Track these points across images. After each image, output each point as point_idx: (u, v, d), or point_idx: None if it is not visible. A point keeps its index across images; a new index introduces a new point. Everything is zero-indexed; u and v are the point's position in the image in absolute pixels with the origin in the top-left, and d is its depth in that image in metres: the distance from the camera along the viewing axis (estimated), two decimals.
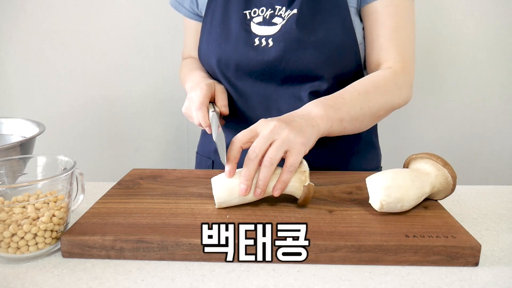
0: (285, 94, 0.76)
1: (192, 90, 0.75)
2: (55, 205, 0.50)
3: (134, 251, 0.48)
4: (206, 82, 0.75)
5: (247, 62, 0.76)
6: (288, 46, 0.73)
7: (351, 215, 0.55)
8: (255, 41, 0.76)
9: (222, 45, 0.78)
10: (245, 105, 0.80)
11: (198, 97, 0.71)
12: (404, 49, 0.74)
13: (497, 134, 1.35)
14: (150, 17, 1.26)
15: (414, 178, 0.56)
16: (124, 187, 0.64)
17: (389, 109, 0.73)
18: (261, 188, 0.56)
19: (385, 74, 0.72)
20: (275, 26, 0.75)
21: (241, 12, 0.78)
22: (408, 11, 0.75)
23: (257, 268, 0.47)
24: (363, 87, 0.70)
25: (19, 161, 0.56)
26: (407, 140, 1.37)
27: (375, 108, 0.69)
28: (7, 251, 0.48)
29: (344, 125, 0.66)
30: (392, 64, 0.74)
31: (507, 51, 1.28)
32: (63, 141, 1.34)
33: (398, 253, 0.48)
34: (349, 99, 0.67)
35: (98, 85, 1.31)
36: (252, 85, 0.78)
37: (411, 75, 0.75)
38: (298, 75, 0.75)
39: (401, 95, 0.73)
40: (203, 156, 0.92)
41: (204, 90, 0.72)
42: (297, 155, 0.57)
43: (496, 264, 0.49)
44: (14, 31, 1.26)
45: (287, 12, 0.75)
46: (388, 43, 0.74)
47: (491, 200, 0.68)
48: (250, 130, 0.59)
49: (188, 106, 0.74)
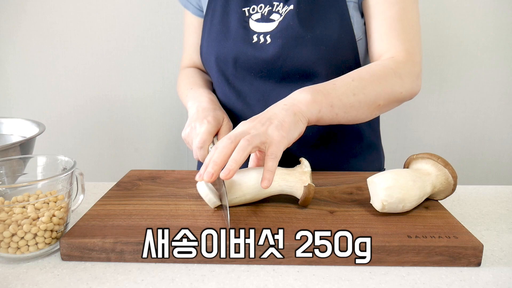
0: (283, 92, 0.75)
1: (196, 119, 0.70)
2: (55, 205, 0.50)
3: (135, 253, 0.48)
4: (213, 114, 0.70)
5: (245, 59, 0.76)
6: (286, 42, 0.73)
7: (353, 216, 0.55)
8: (253, 38, 0.75)
9: (221, 43, 0.77)
10: (243, 103, 0.79)
11: (202, 134, 0.66)
12: (408, 39, 0.71)
13: (497, 134, 1.35)
14: (150, 17, 1.26)
15: (415, 179, 0.56)
16: (122, 189, 0.64)
17: (390, 99, 0.68)
18: (229, 169, 0.50)
19: (384, 62, 0.70)
20: (272, 22, 0.75)
21: (240, 9, 0.78)
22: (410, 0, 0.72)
23: (257, 268, 0.47)
24: (358, 74, 0.67)
25: (19, 161, 0.56)
26: (407, 140, 1.37)
27: (371, 96, 0.66)
28: (7, 251, 0.48)
29: (335, 111, 0.63)
30: (394, 54, 0.71)
31: (508, 51, 1.28)
32: (63, 141, 1.34)
33: (401, 254, 0.48)
34: (340, 85, 0.65)
35: (98, 85, 1.31)
36: (251, 83, 0.78)
37: (416, 65, 0.72)
38: (296, 72, 0.74)
39: (403, 84, 0.69)
40: None
41: (210, 126, 0.67)
42: (276, 145, 0.54)
43: (496, 264, 0.49)
44: (14, 31, 1.26)
45: (284, 8, 0.75)
46: (389, 34, 0.71)
47: (491, 200, 0.68)
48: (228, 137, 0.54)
49: (189, 135, 0.69)
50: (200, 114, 0.70)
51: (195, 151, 0.66)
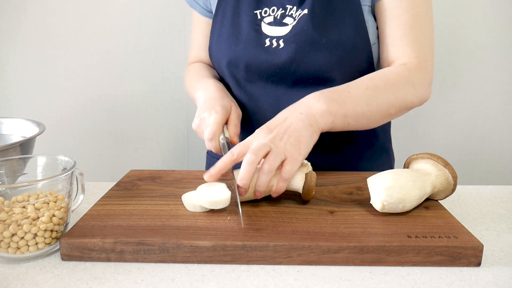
0: (296, 97, 0.74)
1: (205, 109, 0.69)
2: (55, 205, 0.50)
3: (135, 253, 0.48)
4: (222, 103, 0.70)
5: (257, 64, 0.74)
6: (299, 47, 0.71)
7: (353, 216, 0.55)
8: (265, 42, 0.74)
9: (232, 46, 0.76)
10: (255, 108, 0.78)
11: (212, 125, 0.66)
12: (420, 46, 0.71)
13: (497, 134, 1.35)
14: (150, 17, 1.26)
15: (415, 179, 0.56)
16: (122, 189, 0.64)
17: (401, 107, 0.69)
18: (260, 192, 0.56)
19: (398, 70, 0.69)
20: (286, 26, 0.73)
21: (251, 12, 0.76)
22: (425, 6, 0.71)
23: (257, 268, 0.47)
24: (372, 81, 0.67)
25: (19, 161, 0.56)
26: (407, 140, 1.37)
27: (384, 105, 0.66)
28: (7, 251, 0.48)
29: (348, 121, 0.64)
30: (407, 61, 0.71)
31: (508, 51, 1.28)
32: (63, 141, 1.34)
33: (401, 254, 0.48)
34: (355, 93, 0.65)
35: (98, 85, 1.31)
36: (263, 87, 0.76)
37: (428, 73, 0.71)
38: (309, 77, 0.73)
39: (415, 93, 0.69)
40: (213, 157, 0.91)
41: (219, 116, 0.67)
42: (293, 164, 0.56)
43: (496, 264, 0.49)
44: (14, 31, 1.26)
45: (298, 12, 0.73)
46: (402, 40, 0.71)
47: (491, 200, 0.68)
48: (243, 145, 0.57)
49: (199, 126, 0.70)
50: (208, 104, 0.70)
51: (207, 143, 0.67)
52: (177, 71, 1.30)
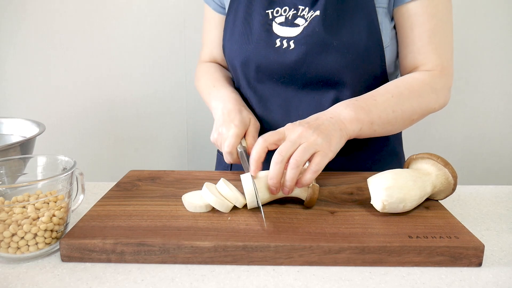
0: (306, 99, 0.74)
1: (223, 123, 0.70)
2: (55, 205, 0.50)
3: (136, 254, 0.48)
4: (239, 118, 0.70)
5: (267, 64, 0.74)
6: (310, 49, 0.70)
7: (353, 216, 0.55)
8: (276, 42, 0.73)
9: (244, 46, 0.75)
10: (264, 108, 0.77)
11: (230, 138, 0.66)
12: (443, 52, 0.71)
13: (497, 134, 1.35)
14: (150, 17, 1.26)
15: (415, 178, 0.56)
16: (122, 189, 0.64)
17: (423, 113, 0.70)
18: (288, 188, 0.56)
19: (422, 77, 0.70)
20: (297, 27, 0.72)
21: (263, 11, 0.75)
22: (447, 12, 0.71)
23: (257, 268, 0.47)
24: (397, 89, 0.68)
25: (19, 161, 0.56)
26: (407, 140, 1.36)
27: (408, 112, 0.68)
28: (7, 251, 0.48)
29: (374, 128, 0.65)
30: (431, 68, 0.71)
31: (508, 51, 1.28)
32: (63, 141, 1.34)
33: (402, 254, 0.48)
34: (381, 101, 0.66)
35: (98, 85, 1.31)
36: (273, 88, 0.76)
37: (449, 79, 0.73)
38: (319, 80, 0.73)
39: (438, 99, 0.71)
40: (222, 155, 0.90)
41: (237, 129, 0.67)
42: (323, 157, 0.56)
43: (497, 264, 0.49)
44: (14, 31, 1.26)
45: (310, 13, 0.72)
46: (427, 47, 0.70)
47: (491, 200, 0.68)
48: (277, 132, 0.58)
49: (218, 140, 0.70)
50: (227, 118, 0.70)
51: (225, 156, 0.68)
52: (177, 71, 1.30)
